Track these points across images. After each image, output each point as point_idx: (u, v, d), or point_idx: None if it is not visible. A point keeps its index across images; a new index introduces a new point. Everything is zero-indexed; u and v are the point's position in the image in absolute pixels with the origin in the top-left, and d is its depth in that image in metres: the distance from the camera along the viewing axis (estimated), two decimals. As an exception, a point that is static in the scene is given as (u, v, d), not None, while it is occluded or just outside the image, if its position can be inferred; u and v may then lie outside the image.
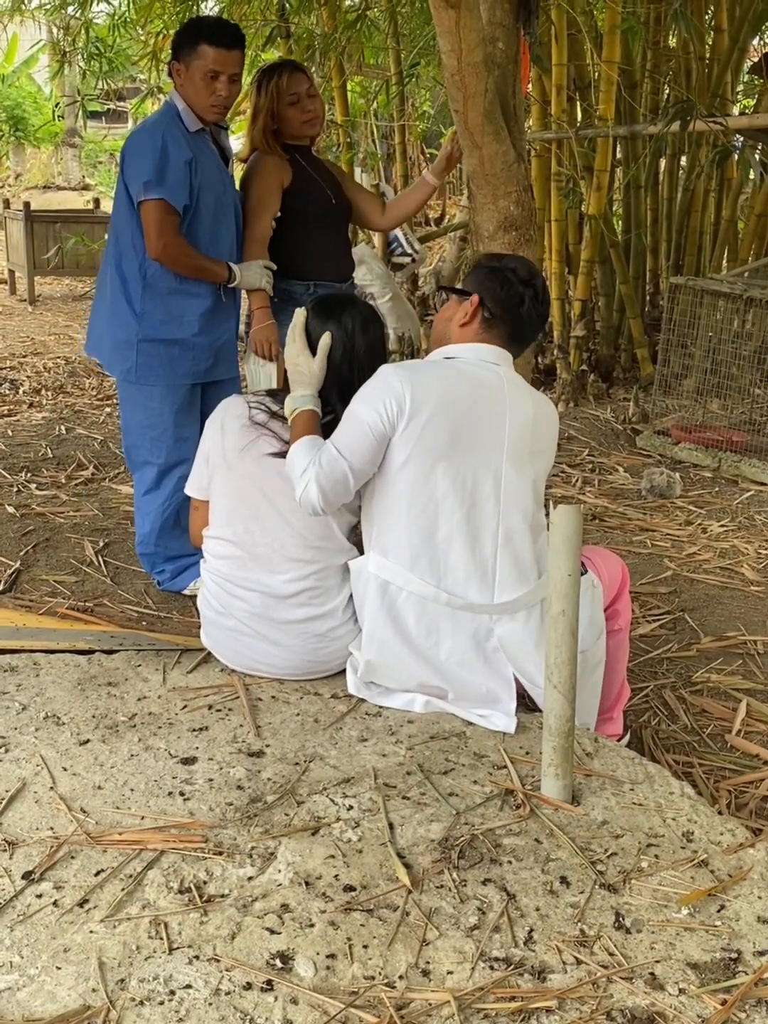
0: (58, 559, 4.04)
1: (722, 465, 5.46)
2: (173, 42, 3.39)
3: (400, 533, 2.48)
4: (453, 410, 2.44)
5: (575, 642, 2.07)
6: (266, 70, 3.66)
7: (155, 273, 3.33)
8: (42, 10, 8.87)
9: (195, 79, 3.26)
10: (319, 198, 3.71)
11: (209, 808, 2.10)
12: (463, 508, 2.46)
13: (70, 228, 10.74)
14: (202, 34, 3.24)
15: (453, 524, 2.46)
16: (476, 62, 3.34)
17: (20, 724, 2.41)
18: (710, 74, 7.22)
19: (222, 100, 3.30)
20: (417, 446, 2.43)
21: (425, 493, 2.45)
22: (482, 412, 2.48)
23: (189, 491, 2.79)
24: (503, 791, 2.17)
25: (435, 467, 2.44)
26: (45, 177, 20.94)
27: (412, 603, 2.48)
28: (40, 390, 7.09)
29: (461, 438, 2.45)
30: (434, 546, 2.46)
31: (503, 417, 2.50)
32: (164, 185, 3.21)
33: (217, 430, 2.67)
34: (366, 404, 2.45)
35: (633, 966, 1.70)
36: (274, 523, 2.56)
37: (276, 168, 3.64)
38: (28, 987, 1.63)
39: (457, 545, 2.46)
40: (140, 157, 3.26)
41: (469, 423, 2.46)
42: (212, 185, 3.35)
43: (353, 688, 2.58)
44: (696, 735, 2.99)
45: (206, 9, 7.64)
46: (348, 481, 2.45)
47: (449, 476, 2.45)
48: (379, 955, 1.71)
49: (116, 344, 3.44)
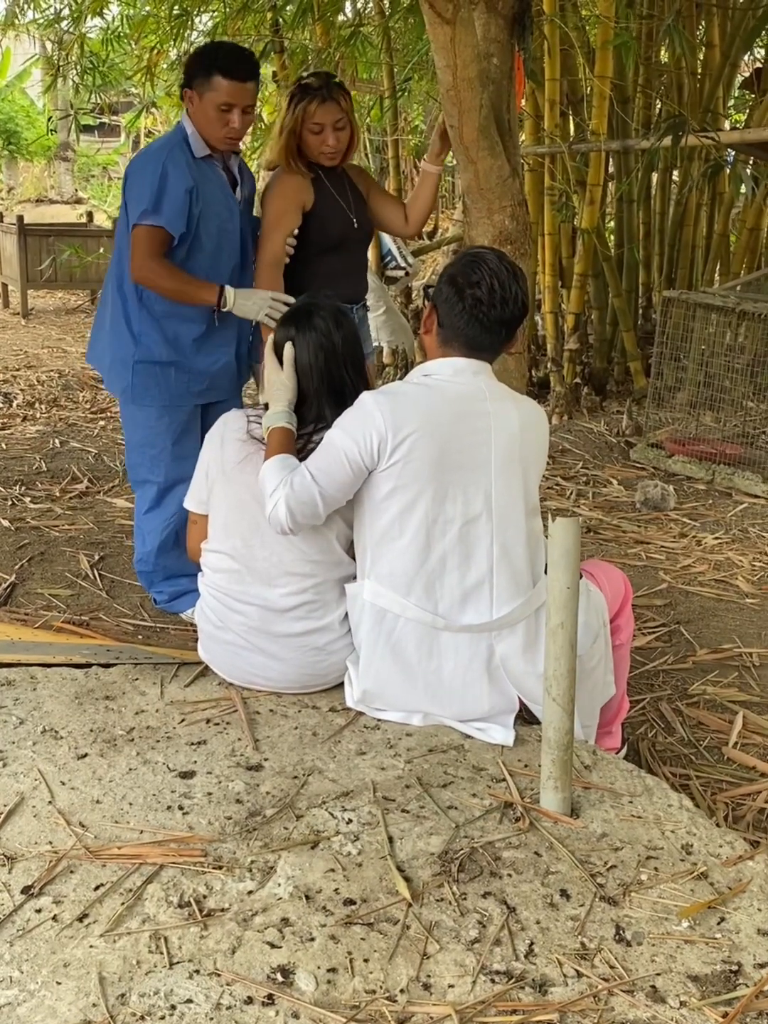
0: (53, 572, 4.04)
1: (716, 477, 5.48)
2: (186, 67, 3.30)
3: (394, 560, 2.46)
4: (437, 433, 2.40)
5: (574, 655, 2.07)
6: (301, 88, 3.44)
7: (151, 295, 3.31)
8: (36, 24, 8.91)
9: (208, 110, 3.19)
10: (340, 222, 3.57)
11: (208, 822, 2.09)
12: (455, 529, 2.44)
13: (63, 241, 10.76)
14: (216, 65, 3.16)
15: (446, 546, 2.44)
16: (471, 77, 3.36)
17: (18, 738, 2.41)
18: (702, 89, 7.26)
19: (235, 132, 3.24)
20: (403, 475, 2.41)
21: (415, 519, 2.43)
22: (466, 429, 2.44)
23: (188, 505, 2.79)
24: (502, 804, 2.17)
25: (423, 493, 2.42)
26: (38, 191, 20.97)
27: (410, 629, 2.47)
28: (34, 403, 7.09)
29: (447, 460, 2.42)
30: (428, 571, 2.45)
31: (488, 432, 2.46)
32: (160, 213, 3.17)
33: (216, 444, 2.68)
34: (346, 434, 2.42)
35: (634, 979, 1.70)
36: (272, 537, 2.57)
37: (296, 189, 3.50)
38: (28, 1002, 1.62)
39: (451, 567, 2.45)
40: (140, 183, 3.22)
41: (454, 444, 2.43)
42: (215, 213, 3.30)
43: (351, 701, 2.58)
44: (693, 747, 3.00)
45: (200, 24, 7.68)
46: (317, 506, 2.43)
47: (438, 499, 2.42)
48: (380, 969, 1.71)
49: (115, 362, 3.45)
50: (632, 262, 7.46)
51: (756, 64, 8.56)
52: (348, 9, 7.96)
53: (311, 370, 2.61)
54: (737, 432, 5.87)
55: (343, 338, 2.64)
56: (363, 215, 3.67)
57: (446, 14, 3.21)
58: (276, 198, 3.51)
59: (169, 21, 6.99)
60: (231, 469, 2.62)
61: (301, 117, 3.41)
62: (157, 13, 7.34)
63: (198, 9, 7.10)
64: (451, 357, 2.51)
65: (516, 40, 3.75)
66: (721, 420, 6.01)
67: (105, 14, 7.77)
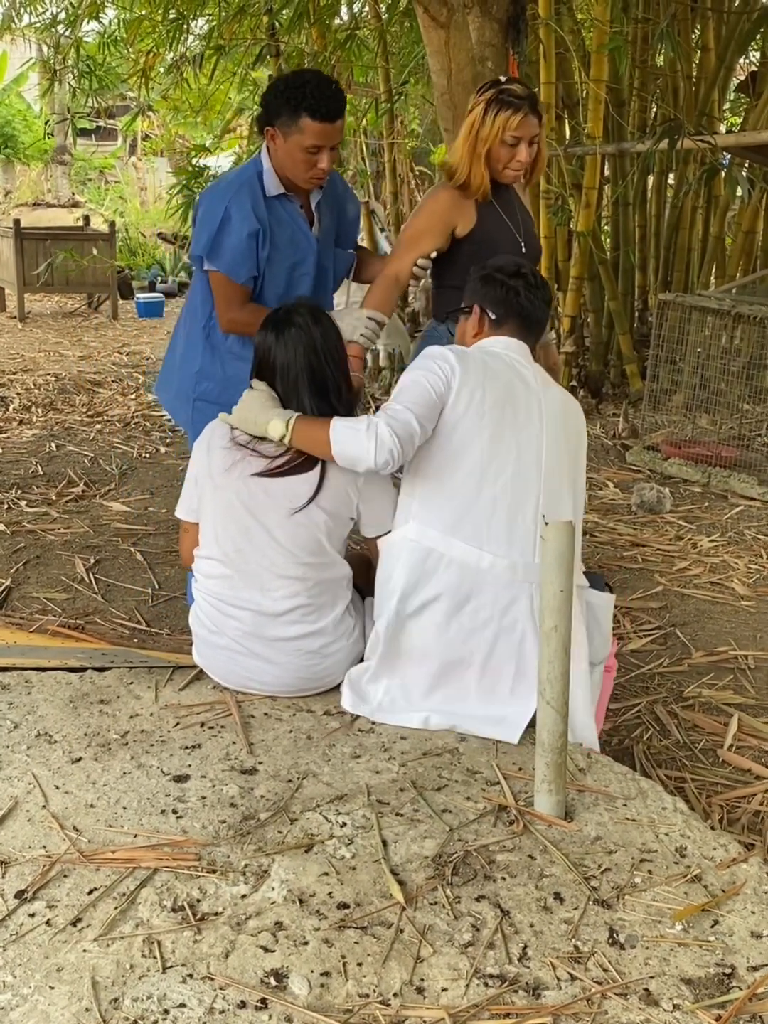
0: (49, 576, 4.04)
1: (712, 480, 5.48)
2: (267, 102, 3.04)
3: (444, 500, 2.52)
4: (496, 385, 2.56)
5: (567, 658, 2.07)
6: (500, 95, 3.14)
7: (218, 336, 3.23)
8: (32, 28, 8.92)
9: (294, 152, 2.98)
10: (507, 245, 3.25)
11: (202, 826, 2.09)
12: (506, 476, 2.53)
13: (60, 245, 10.77)
14: (304, 105, 2.92)
15: (496, 491, 2.51)
16: (466, 81, 3.38)
17: (12, 742, 2.41)
18: (697, 92, 7.28)
19: (323, 173, 3.04)
20: (466, 414, 2.52)
21: (470, 459, 2.51)
22: (520, 391, 2.59)
23: (179, 514, 2.79)
24: (496, 807, 2.17)
25: (480, 434, 2.52)
26: (35, 194, 20.95)
27: (454, 570, 2.50)
28: (30, 407, 7.09)
29: (505, 413, 2.55)
30: (478, 511, 2.51)
31: (538, 401, 2.61)
32: (220, 259, 3.08)
33: (204, 452, 2.68)
34: (423, 370, 2.55)
35: (627, 982, 1.70)
36: (263, 541, 2.57)
37: (449, 209, 3.25)
38: (21, 1007, 1.62)
39: (500, 510, 2.51)
40: (203, 223, 3.12)
41: (510, 400, 2.57)
42: (287, 254, 3.14)
43: (348, 704, 2.58)
44: (688, 750, 3.00)
45: (196, 27, 7.68)
46: (414, 428, 2.46)
47: (494, 444, 2.52)
48: (373, 972, 1.70)
49: (178, 394, 3.38)
50: (628, 265, 7.47)
51: (751, 67, 8.58)
52: (344, 13, 7.98)
53: (292, 366, 2.62)
54: (733, 435, 5.88)
55: (322, 333, 2.66)
56: (532, 239, 3.43)
57: (440, 18, 3.23)
58: (423, 214, 3.32)
59: (165, 24, 7.00)
60: (219, 476, 2.62)
61: (501, 128, 3.13)
62: (153, 17, 7.35)
63: (194, 13, 7.11)
64: (503, 337, 2.70)
65: (510, 44, 3.77)
66: (717, 423, 6.02)
67: (101, 18, 7.79)
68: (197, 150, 7.45)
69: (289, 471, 2.56)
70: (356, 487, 2.61)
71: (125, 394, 7.63)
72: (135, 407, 7.18)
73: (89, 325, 11.21)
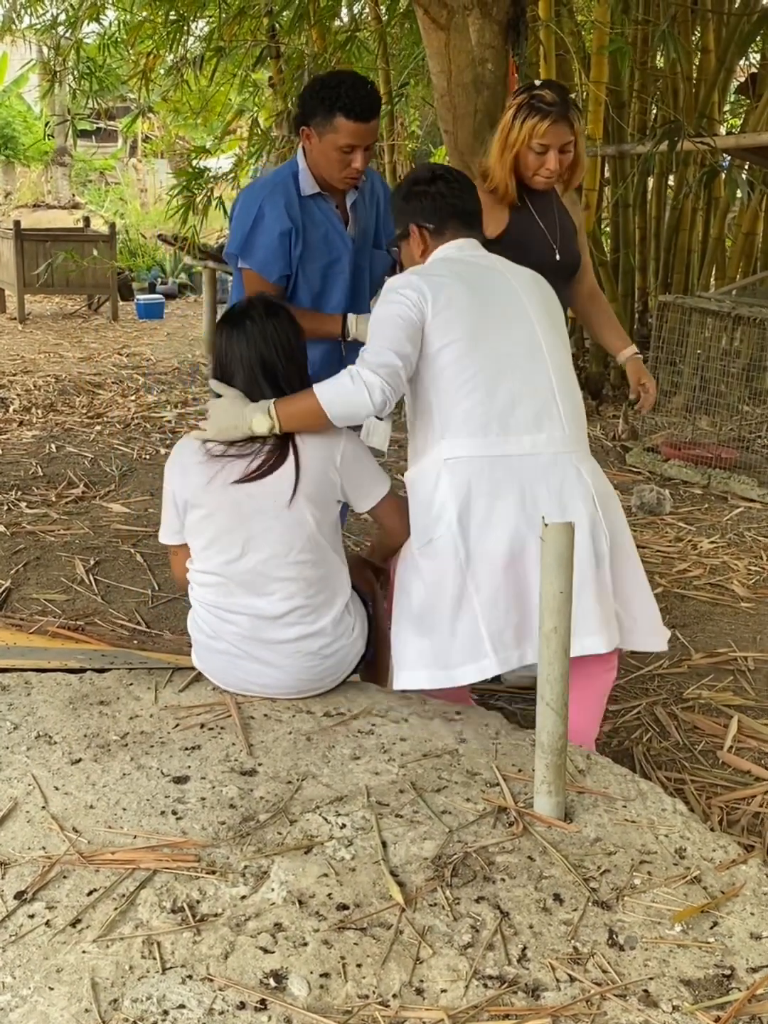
0: (49, 577, 4.04)
1: (711, 482, 5.49)
2: (303, 103, 3.08)
3: (464, 410, 2.51)
4: (468, 283, 2.56)
5: (567, 660, 2.07)
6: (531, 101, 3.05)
7: None
8: (32, 30, 8.92)
9: (328, 152, 3.03)
10: (537, 252, 3.13)
11: (202, 827, 2.09)
12: (514, 360, 2.55)
13: (60, 246, 10.76)
14: (338, 105, 2.95)
15: (511, 384, 2.53)
16: (466, 83, 3.38)
17: (12, 743, 2.41)
18: (697, 94, 7.28)
19: (357, 172, 3.08)
20: (453, 322, 2.50)
21: (474, 363, 2.51)
22: (493, 280, 2.62)
23: (164, 539, 2.75)
24: (496, 808, 2.17)
25: (475, 333, 2.52)
26: (35, 196, 20.96)
27: (500, 467, 2.50)
28: (30, 408, 7.09)
29: (487, 306, 2.56)
30: (500, 404, 2.51)
31: (512, 283, 2.63)
32: (253, 257, 3.12)
33: (178, 473, 2.63)
34: (389, 303, 2.53)
35: (627, 983, 1.70)
36: (253, 546, 2.55)
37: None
38: (20, 1008, 1.62)
39: (520, 394, 2.53)
40: (237, 222, 3.17)
41: (488, 292, 2.58)
42: (321, 253, 3.17)
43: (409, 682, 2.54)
44: (688, 752, 3.00)
45: (196, 29, 7.69)
46: (395, 363, 2.46)
47: (492, 339, 2.53)
48: (373, 973, 1.70)
49: None
50: (628, 267, 7.47)
51: (751, 69, 8.58)
52: (344, 14, 7.98)
53: (246, 361, 2.60)
54: (733, 436, 5.88)
55: (275, 325, 2.62)
56: (570, 247, 3.28)
57: (440, 20, 3.23)
58: None
59: (165, 26, 7.01)
60: (200, 493, 2.58)
61: (528, 135, 3.04)
62: (153, 18, 7.36)
63: (194, 14, 7.11)
64: (449, 241, 2.67)
65: (510, 45, 3.77)
66: (717, 424, 6.02)
67: (102, 19, 7.79)
68: (197, 152, 7.44)
69: (268, 470, 2.55)
70: (335, 467, 2.58)
71: (125, 395, 7.63)
72: (135, 409, 7.18)
73: (89, 326, 11.21)
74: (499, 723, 2.58)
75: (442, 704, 2.68)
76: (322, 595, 2.61)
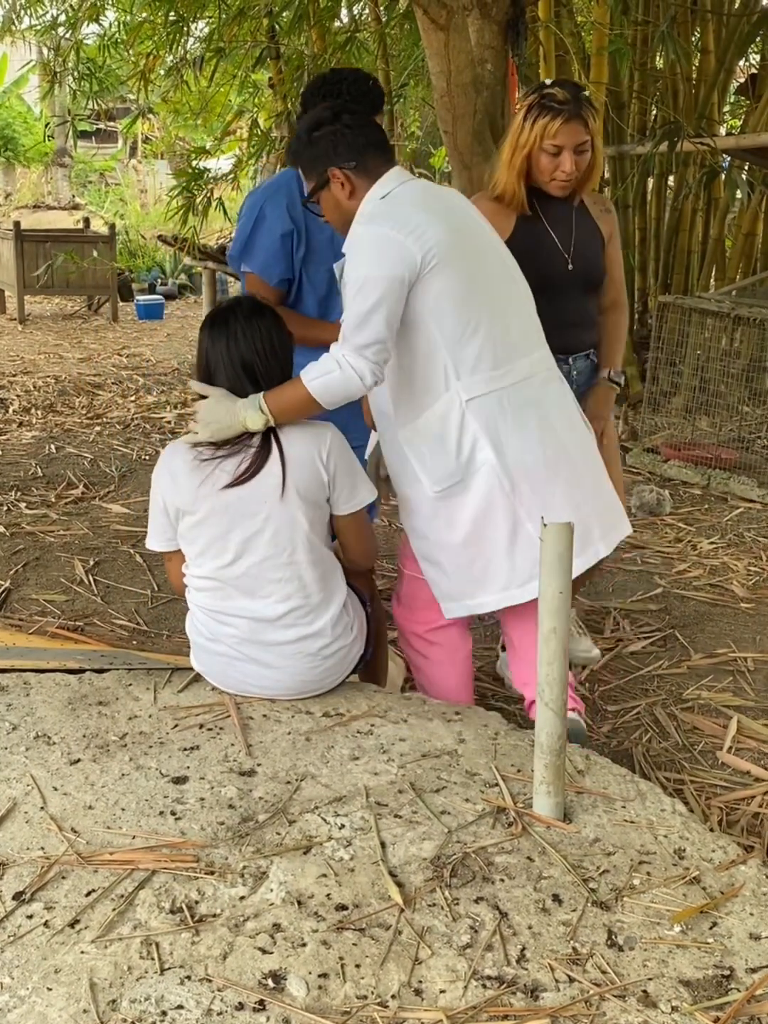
0: (48, 578, 4.04)
1: (711, 482, 5.48)
2: (305, 100, 3.05)
3: (472, 348, 2.54)
4: (442, 216, 2.51)
5: (567, 660, 2.07)
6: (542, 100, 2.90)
7: None
8: (33, 30, 8.92)
9: None
10: (547, 263, 3.01)
11: (201, 827, 2.09)
12: (500, 288, 2.61)
13: (60, 247, 10.79)
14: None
15: (503, 307, 2.59)
16: (465, 83, 3.38)
17: (10, 744, 2.40)
18: (697, 95, 7.28)
19: None
20: (441, 266, 2.47)
21: (476, 298, 2.54)
22: (455, 208, 2.61)
23: (153, 546, 2.73)
24: (495, 809, 2.17)
25: (468, 271, 2.52)
26: (35, 197, 20.99)
27: (518, 398, 2.58)
28: (30, 409, 7.09)
29: (464, 240, 2.55)
30: (500, 335, 2.56)
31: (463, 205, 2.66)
32: (254, 260, 3.11)
33: (168, 481, 2.61)
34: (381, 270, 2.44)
35: (626, 984, 1.70)
36: (245, 550, 2.55)
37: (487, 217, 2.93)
38: (19, 1008, 1.62)
39: (512, 322, 2.61)
40: (239, 225, 3.17)
41: (457, 219, 2.57)
42: (326, 256, 3.07)
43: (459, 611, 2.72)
44: (687, 752, 3.00)
45: (196, 30, 7.68)
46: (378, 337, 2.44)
47: (479, 269, 2.56)
48: (371, 974, 1.70)
49: None
50: (628, 267, 7.46)
51: (751, 70, 8.58)
52: (344, 15, 7.98)
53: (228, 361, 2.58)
54: (733, 437, 5.88)
55: (258, 325, 2.59)
56: (587, 257, 3.10)
57: (440, 20, 3.23)
58: None
59: (165, 27, 7.00)
60: (192, 499, 2.56)
61: (540, 136, 2.89)
62: (153, 19, 7.35)
63: (194, 15, 7.11)
64: (381, 176, 2.56)
65: (510, 46, 3.77)
66: (717, 425, 6.02)
67: (101, 20, 7.79)
68: (197, 152, 7.43)
69: (256, 471, 2.53)
70: (322, 460, 2.56)
71: (125, 396, 7.64)
72: (135, 409, 7.18)
73: (89, 327, 11.22)
74: (498, 723, 2.58)
75: (441, 704, 2.68)
76: (319, 595, 2.61)
